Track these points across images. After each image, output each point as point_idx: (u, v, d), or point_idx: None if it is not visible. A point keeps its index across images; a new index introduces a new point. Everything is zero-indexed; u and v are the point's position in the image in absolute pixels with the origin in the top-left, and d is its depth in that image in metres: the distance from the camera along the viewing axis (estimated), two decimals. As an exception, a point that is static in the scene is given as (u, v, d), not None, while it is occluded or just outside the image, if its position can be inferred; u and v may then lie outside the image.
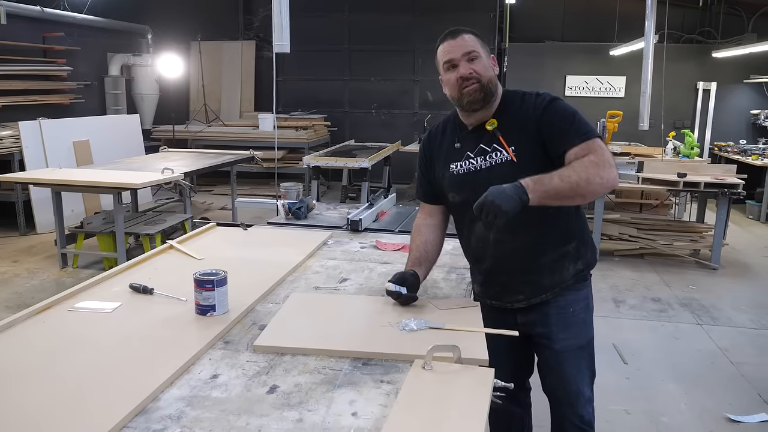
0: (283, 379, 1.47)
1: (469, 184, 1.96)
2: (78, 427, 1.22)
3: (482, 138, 1.95)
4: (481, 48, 1.91)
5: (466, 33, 1.91)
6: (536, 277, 1.99)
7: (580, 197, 1.81)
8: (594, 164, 1.76)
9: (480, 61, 1.90)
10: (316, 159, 6.88)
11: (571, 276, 2.01)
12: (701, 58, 9.33)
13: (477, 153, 1.95)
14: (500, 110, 1.95)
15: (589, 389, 2.08)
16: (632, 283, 5.29)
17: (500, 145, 1.91)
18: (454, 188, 2.02)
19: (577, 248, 2.01)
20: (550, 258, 1.97)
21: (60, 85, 8.17)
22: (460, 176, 1.99)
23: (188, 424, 1.27)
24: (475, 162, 1.96)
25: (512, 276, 1.99)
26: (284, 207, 3.22)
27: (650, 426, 3.05)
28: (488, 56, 1.94)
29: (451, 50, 1.90)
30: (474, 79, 1.88)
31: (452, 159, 2.01)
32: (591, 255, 2.08)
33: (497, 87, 1.95)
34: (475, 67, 1.88)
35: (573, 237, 2.00)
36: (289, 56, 10.10)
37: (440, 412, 1.29)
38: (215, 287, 1.80)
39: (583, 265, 2.03)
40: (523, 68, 9.66)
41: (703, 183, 5.54)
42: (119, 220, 5.05)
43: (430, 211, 2.15)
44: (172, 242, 2.60)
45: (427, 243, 2.07)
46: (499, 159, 1.91)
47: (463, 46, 1.89)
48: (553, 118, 1.88)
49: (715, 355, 3.89)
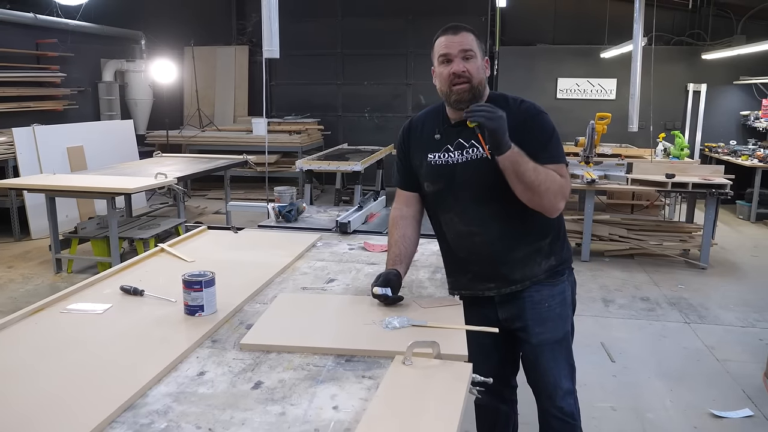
0: (267, 375, 1.52)
1: (444, 175, 2.03)
2: (67, 423, 1.27)
3: (462, 133, 2.01)
4: (477, 48, 1.96)
5: (467, 31, 1.96)
6: (507, 269, 2.05)
7: (529, 194, 1.88)
8: (560, 186, 1.90)
9: (474, 62, 1.95)
10: (309, 163, 6.93)
11: (543, 271, 2.06)
12: (691, 60, 9.42)
13: (456, 147, 2.02)
14: None
15: (569, 381, 2.12)
16: (622, 283, 5.35)
17: (478, 142, 1.97)
18: (430, 178, 2.08)
19: (551, 245, 2.07)
20: (523, 252, 2.03)
21: (54, 92, 8.21)
22: (437, 167, 2.05)
23: (174, 419, 1.32)
24: (453, 155, 2.02)
25: (483, 266, 2.04)
26: (275, 210, 3.27)
27: (635, 422, 3.11)
28: (483, 58, 1.99)
29: (449, 45, 1.94)
30: (465, 79, 1.93)
31: (431, 149, 2.07)
32: (566, 251, 2.14)
33: (485, 89, 2.00)
34: (469, 67, 1.93)
35: (548, 233, 2.06)
36: (282, 61, 10.16)
37: (417, 405, 1.34)
38: (203, 288, 1.85)
39: (557, 262, 2.09)
40: (514, 71, 9.74)
41: (691, 183, 5.61)
42: (113, 225, 5.09)
43: (407, 200, 2.20)
44: (163, 245, 2.65)
45: (405, 237, 2.11)
46: (475, 155, 1.98)
47: (462, 43, 1.93)
48: (532, 130, 1.95)
49: (701, 353, 3.95)
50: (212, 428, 1.28)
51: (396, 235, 2.12)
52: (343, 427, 1.29)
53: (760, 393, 3.42)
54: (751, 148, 8.62)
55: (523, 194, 1.89)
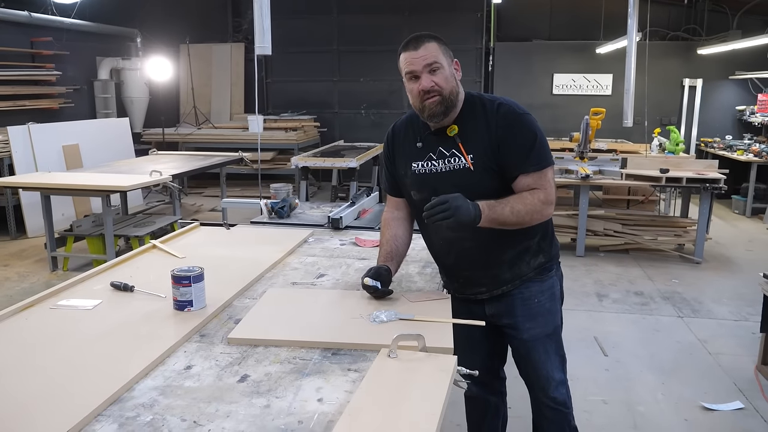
0: (254, 368, 1.53)
1: (429, 184, 2.02)
2: (52, 417, 1.28)
3: (443, 142, 2.00)
4: (443, 56, 1.91)
5: (429, 41, 1.90)
6: (497, 271, 2.06)
7: (521, 227, 1.94)
8: (542, 202, 1.91)
9: (442, 72, 1.90)
10: (305, 159, 6.94)
11: (533, 269, 2.08)
12: (687, 55, 9.43)
13: (438, 155, 2.01)
14: (461, 116, 1.99)
15: (560, 372, 2.15)
16: (616, 278, 5.37)
17: (459, 152, 1.96)
18: (415, 186, 2.08)
19: (539, 243, 2.08)
20: (511, 254, 2.04)
21: (49, 90, 8.20)
22: (422, 176, 2.04)
23: (160, 412, 1.33)
24: (436, 164, 2.01)
25: (473, 271, 2.05)
26: (267, 206, 3.28)
27: (627, 415, 3.12)
28: (451, 64, 1.94)
29: (413, 61, 1.90)
30: (435, 92, 1.90)
31: (414, 158, 2.06)
32: (554, 247, 2.15)
33: (459, 95, 1.97)
34: (437, 80, 1.90)
35: (535, 233, 2.05)
36: (278, 58, 10.19)
37: (400, 396, 1.36)
38: (192, 283, 1.86)
39: (545, 259, 2.10)
40: (510, 67, 9.75)
41: (685, 178, 5.63)
42: (108, 223, 5.09)
43: (397, 204, 2.21)
44: (155, 242, 2.66)
45: (396, 237, 2.13)
46: (458, 165, 1.97)
47: (425, 57, 1.88)
48: (514, 138, 1.92)
49: (693, 347, 3.96)
50: (197, 421, 1.30)
51: (387, 234, 2.14)
52: (326, 419, 1.30)
53: (751, 386, 3.44)
54: (747, 143, 8.63)
55: (513, 228, 1.93)
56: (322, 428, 1.27)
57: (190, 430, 1.26)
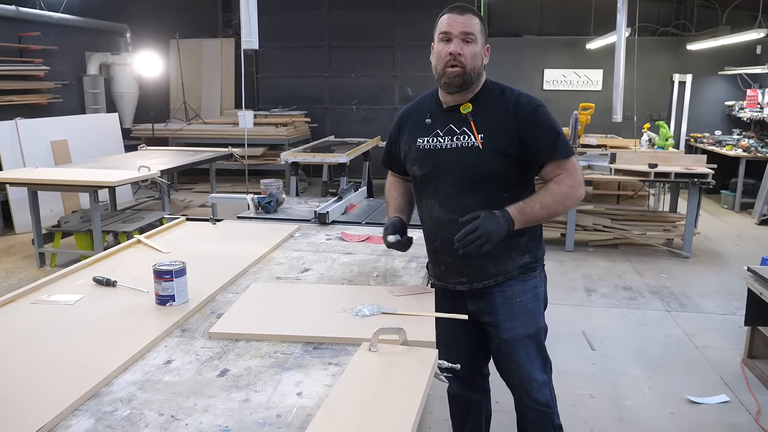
0: (234, 363, 1.53)
1: (432, 159, 2.03)
2: (28, 412, 1.27)
3: (454, 119, 2.00)
4: (479, 34, 1.95)
5: (474, 14, 1.94)
6: (481, 262, 2.03)
7: (555, 217, 2.02)
8: (571, 187, 1.96)
9: (473, 47, 1.93)
10: (294, 155, 6.92)
11: (517, 267, 2.06)
12: (677, 51, 9.47)
13: (446, 132, 2.01)
14: (478, 97, 2.00)
15: (542, 374, 2.12)
16: (605, 273, 5.39)
17: (470, 130, 1.97)
18: (418, 162, 2.07)
19: (527, 243, 2.06)
20: (499, 248, 1.98)
21: (37, 85, 8.14)
22: (426, 151, 2.04)
23: (138, 406, 1.32)
24: (442, 140, 2.01)
25: (458, 257, 2.01)
26: (254, 201, 3.27)
27: (613, 408, 3.14)
28: (484, 45, 1.97)
29: (451, 24, 1.93)
30: (459, 63, 1.92)
31: (421, 133, 2.07)
32: (541, 250, 2.15)
33: (480, 76, 1.99)
34: (466, 51, 1.92)
35: (525, 231, 2.02)
36: (268, 53, 10.16)
37: (380, 390, 1.35)
38: (174, 278, 1.85)
39: (531, 259, 2.09)
40: (500, 63, 9.69)
41: (674, 173, 5.65)
42: (96, 219, 5.06)
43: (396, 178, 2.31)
44: (140, 237, 2.64)
45: (403, 194, 2.24)
46: (466, 143, 1.97)
47: (465, 24, 1.92)
48: (538, 129, 1.96)
49: (680, 341, 3.99)
50: (175, 415, 1.29)
51: (395, 192, 2.26)
52: (305, 413, 1.30)
53: (736, 379, 3.46)
54: (736, 138, 8.67)
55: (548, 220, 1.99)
56: (301, 422, 1.26)
57: (167, 424, 1.26)
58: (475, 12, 1.95)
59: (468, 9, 1.95)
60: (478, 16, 1.96)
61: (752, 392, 3.31)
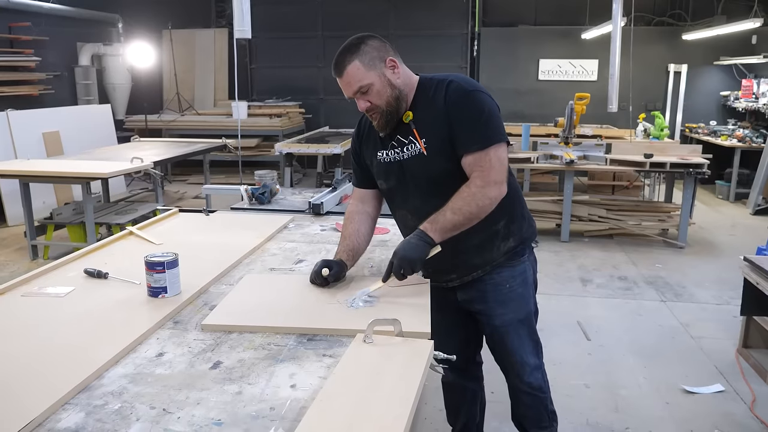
0: (227, 355, 1.51)
1: (393, 172, 2.01)
2: (18, 405, 1.25)
3: (401, 130, 1.97)
4: (368, 73, 1.84)
5: (349, 62, 1.84)
6: (465, 257, 2.03)
7: (477, 219, 1.86)
8: (480, 188, 1.82)
9: (373, 89, 1.85)
10: (289, 146, 6.88)
11: (502, 254, 2.05)
12: (672, 41, 9.44)
13: (398, 144, 1.98)
14: (415, 101, 1.95)
15: (534, 358, 2.14)
16: (600, 263, 5.39)
17: (414, 138, 1.93)
18: (381, 176, 2.06)
19: (507, 226, 2.03)
20: (478, 240, 1.98)
21: (28, 76, 8.05)
22: (385, 164, 2.02)
23: (129, 400, 1.30)
24: (398, 152, 1.98)
25: (441, 259, 1.95)
26: (248, 192, 3.24)
27: (609, 398, 3.14)
28: (381, 72, 1.86)
29: (344, 87, 1.89)
30: (373, 111, 1.90)
31: (379, 147, 2.04)
32: (527, 230, 2.10)
33: (402, 92, 1.91)
34: (371, 99, 1.87)
35: (501, 217, 1.99)
36: (262, 44, 10.09)
37: (374, 381, 1.34)
38: (166, 269, 1.82)
39: (516, 242, 2.06)
40: (495, 53, 9.70)
41: (669, 163, 5.65)
42: (89, 210, 5.03)
43: (363, 197, 2.16)
44: (132, 228, 2.62)
45: (358, 233, 2.07)
46: (413, 152, 1.94)
47: (350, 84, 1.86)
48: (461, 115, 1.86)
49: (676, 331, 3.99)
50: (166, 408, 1.27)
51: (350, 228, 2.08)
52: (299, 405, 1.28)
53: (732, 369, 3.47)
54: (731, 128, 8.68)
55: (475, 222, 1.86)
56: (294, 414, 1.25)
57: (159, 417, 1.24)
58: (349, 55, 1.84)
59: (341, 63, 1.85)
60: (354, 53, 1.84)
61: (747, 382, 3.31)
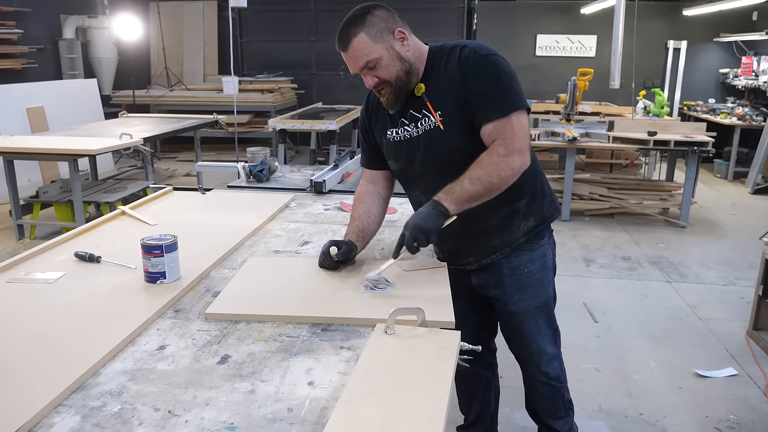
0: (235, 348, 1.37)
1: (405, 151, 1.87)
2: (5, 408, 1.11)
3: (413, 104, 1.83)
4: (375, 46, 1.71)
5: (355, 35, 1.70)
6: (484, 238, 1.92)
7: (497, 191, 1.72)
8: (502, 156, 1.69)
9: (381, 64, 1.72)
10: (282, 122, 6.69)
11: (522, 234, 1.92)
12: (672, 17, 9.28)
13: (410, 119, 1.84)
14: (427, 73, 1.81)
15: (552, 346, 2.04)
16: (602, 242, 5.29)
17: (429, 111, 1.79)
18: (392, 156, 1.93)
19: (528, 204, 1.90)
20: (498, 219, 1.87)
21: (10, 49, 7.76)
22: (397, 143, 1.88)
23: (129, 400, 1.17)
24: (409, 129, 1.84)
25: (460, 240, 1.87)
26: (245, 170, 3.09)
27: (621, 383, 3.05)
28: (389, 44, 1.73)
29: (349, 62, 1.75)
30: (382, 86, 1.77)
31: (389, 125, 1.90)
32: (548, 208, 1.97)
33: (413, 66, 1.77)
34: (379, 74, 1.74)
35: (523, 194, 1.87)
36: (253, 17, 9.81)
37: (403, 378, 1.21)
38: (164, 253, 1.68)
39: (537, 221, 1.93)
40: (493, 28, 9.49)
41: (673, 141, 5.53)
42: (76, 188, 4.84)
43: (373, 178, 2.03)
44: (124, 207, 2.46)
45: (369, 214, 1.94)
46: (428, 125, 1.80)
47: (356, 58, 1.72)
48: (478, 81, 1.72)
49: (683, 312, 3.90)
50: (172, 410, 1.14)
51: (360, 209, 1.95)
52: (319, 405, 1.16)
53: (742, 351, 3.39)
54: (730, 106, 8.56)
55: (494, 195, 1.72)
56: (316, 417, 1.12)
57: (164, 421, 1.10)
58: (354, 28, 1.70)
59: (346, 36, 1.71)
60: (360, 25, 1.70)
61: (759, 365, 3.24)
